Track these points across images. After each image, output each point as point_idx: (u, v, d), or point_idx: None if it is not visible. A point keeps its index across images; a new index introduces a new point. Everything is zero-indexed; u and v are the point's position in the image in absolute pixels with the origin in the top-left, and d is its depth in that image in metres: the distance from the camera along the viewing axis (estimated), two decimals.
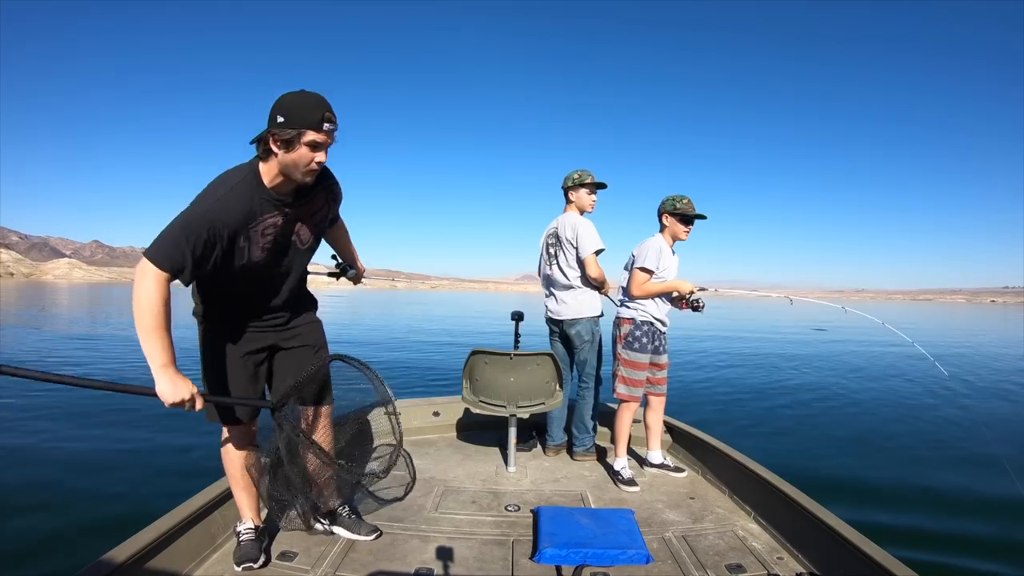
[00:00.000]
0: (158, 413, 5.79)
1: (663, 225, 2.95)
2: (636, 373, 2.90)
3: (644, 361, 2.90)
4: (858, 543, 1.80)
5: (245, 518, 1.97)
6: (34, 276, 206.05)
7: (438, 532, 2.19)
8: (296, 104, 1.53)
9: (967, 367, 11.52)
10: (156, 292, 1.47)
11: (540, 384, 2.93)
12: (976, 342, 18.71)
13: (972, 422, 6.46)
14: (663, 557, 2.04)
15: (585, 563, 1.94)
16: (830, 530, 1.93)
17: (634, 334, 2.89)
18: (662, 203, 2.94)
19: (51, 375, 1.34)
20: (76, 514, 3.29)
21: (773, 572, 1.94)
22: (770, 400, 7.63)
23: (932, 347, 13.31)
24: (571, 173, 3.11)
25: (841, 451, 5.23)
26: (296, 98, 1.54)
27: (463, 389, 3.06)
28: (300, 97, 1.54)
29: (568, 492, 2.70)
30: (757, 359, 12.26)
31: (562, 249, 3.08)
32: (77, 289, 67.08)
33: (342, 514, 2.15)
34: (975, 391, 8.78)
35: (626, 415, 2.91)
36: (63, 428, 5.15)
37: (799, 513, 2.11)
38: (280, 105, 1.53)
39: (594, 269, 3.01)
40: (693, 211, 2.88)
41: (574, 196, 3.09)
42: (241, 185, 1.59)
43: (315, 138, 1.54)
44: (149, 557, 1.70)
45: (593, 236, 2.99)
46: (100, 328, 16.38)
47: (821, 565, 1.94)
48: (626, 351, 2.91)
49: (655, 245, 2.88)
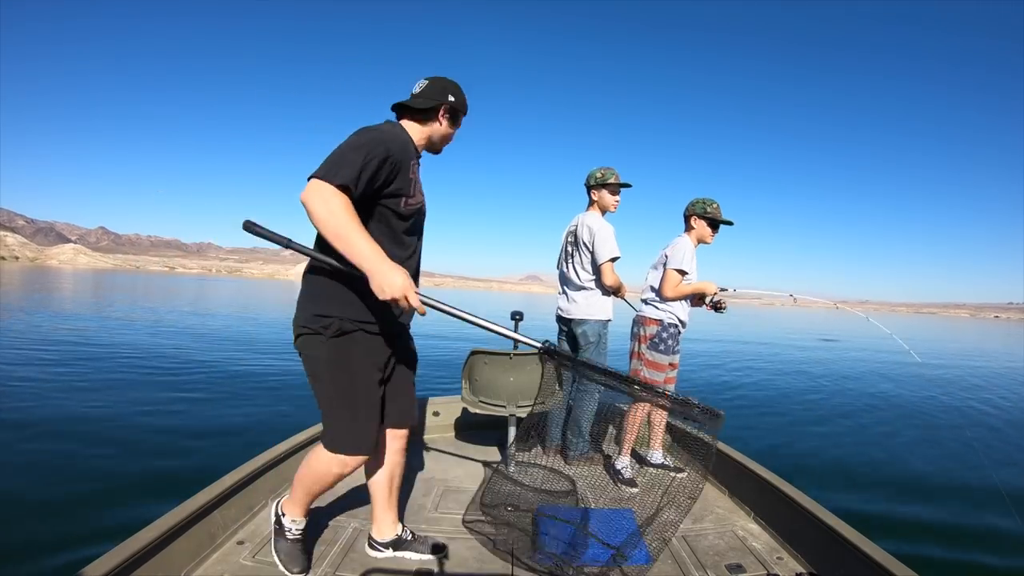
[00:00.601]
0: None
1: (690, 226, 2.97)
2: (657, 374, 2.91)
3: (665, 363, 2.92)
4: (857, 543, 1.81)
5: (299, 516, 1.89)
6: (39, 260, 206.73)
7: (438, 532, 2.20)
8: (460, 90, 1.85)
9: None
10: (338, 196, 1.43)
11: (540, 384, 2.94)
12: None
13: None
14: (663, 557, 2.04)
15: (585, 563, 1.94)
16: (830, 530, 1.94)
17: (660, 336, 2.91)
18: (692, 205, 2.96)
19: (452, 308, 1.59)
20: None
21: (773, 572, 1.95)
22: (776, 407, 7.65)
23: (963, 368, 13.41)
24: (594, 171, 3.04)
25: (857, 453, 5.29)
26: (457, 85, 1.84)
27: (462, 389, 3.07)
28: (458, 85, 1.84)
29: (568, 492, 2.71)
30: (762, 363, 12.33)
31: (578, 250, 3.07)
32: (81, 275, 67.22)
33: (405, 537, 2.04)
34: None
35: (639, 416, 2.91)
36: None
37: (799, 513, 2.12)
38: (450, 85, 1.82)
39: (610, 277, 2.98)
40: (721, 216, 2.92)
41: (596, 195, 3.04)
42: (398, 128, 1.75)
43: (460, 125, 1.90)
44: (149, 557, 1.70)
45: (610, 243, 2.94)
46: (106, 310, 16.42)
47: (821, 565, 1.95)
48: (651, 352, 2.92)
49: (688, 246, 2.90)
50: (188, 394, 6.30)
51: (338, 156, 1.49)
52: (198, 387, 6.72)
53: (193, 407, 5.71)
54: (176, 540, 1.82)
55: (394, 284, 1.43)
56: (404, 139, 1.70)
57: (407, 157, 1.66)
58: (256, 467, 2.39)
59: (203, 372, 7.73)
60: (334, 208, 1.42)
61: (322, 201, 1.42)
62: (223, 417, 5.37)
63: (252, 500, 2.31)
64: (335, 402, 1.70)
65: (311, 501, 1.88)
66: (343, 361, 1.66)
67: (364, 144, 1.53)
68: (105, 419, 5.05)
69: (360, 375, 1.69)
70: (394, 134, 1.66)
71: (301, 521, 1.90)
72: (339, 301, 1.64)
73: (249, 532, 2.15)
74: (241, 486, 2.25)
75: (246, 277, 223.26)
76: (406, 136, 1.74)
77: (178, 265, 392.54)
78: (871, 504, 3.93)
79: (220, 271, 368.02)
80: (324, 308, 1.64)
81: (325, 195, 1.43)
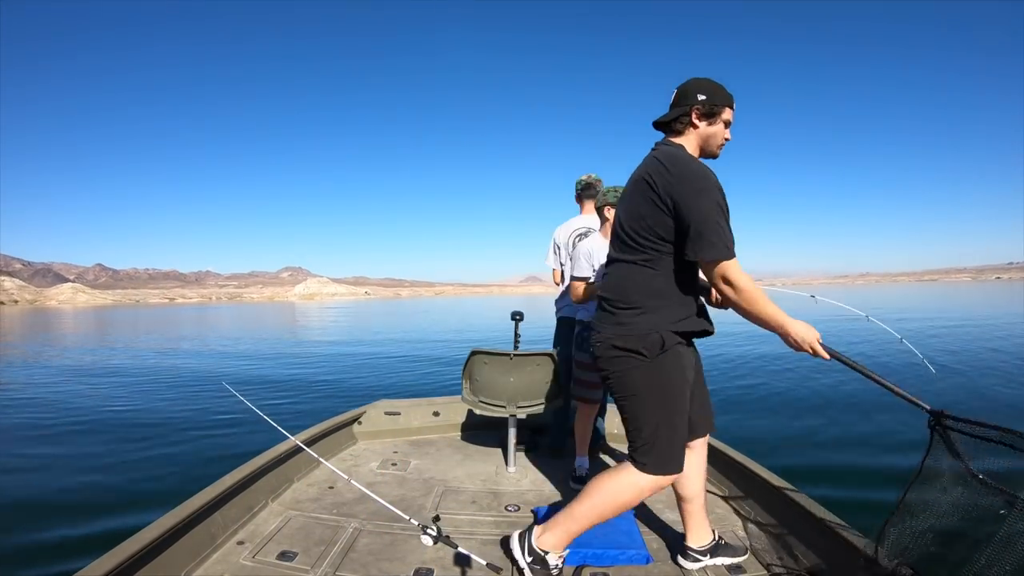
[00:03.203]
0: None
1: (604, 218, 2.68)
2: (586, 374, 2.80)
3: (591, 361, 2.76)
4: (858, 543, 1.79)
5: (564, 549, 1.81)
6: (38, 302, 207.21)
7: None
8: (713, 86, 1.74)
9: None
10: (745, 275, 1.57)
11: (540, 385, 2.93)
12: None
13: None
14: (663, 557, 2.04)
15: (585, 563, 1.93)
16: (830, 530, 1.93)
17: (582, 335, 2.80)
18: (604, 195, 2.65)
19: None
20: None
21: (773, 572, 1.93)
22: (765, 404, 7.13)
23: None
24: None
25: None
26: (711, 81, 1.75)
27: (463, 389, 3.06)
28: (713, 81, 1.75)
29: (568, 492, 2.69)
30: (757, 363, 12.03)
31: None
32: (83, 313, 67.45)
33: (720, 542, 2.01)
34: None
35: (582, 418, 2.86)
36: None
37: (799, 513, 2.11)
38: (697, 86, 1.73)
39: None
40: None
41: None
42: (691, 158, 1.71)
43: (730, 116, 1.75)
44: (149, 557, 1.69)
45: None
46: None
47: (821, 565, 1.94)
48: (577, 352, 2.83)
49: (583, 250, 2.67)
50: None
51: (717, 226, 1.55)
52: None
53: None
54: (176, 540, 1.82)
55: (808, 336, 1.55)
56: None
57: None
58: (256, 467, 2.39)
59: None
60: (747, 283, 1.56)
61: (740, 279, 1.55)
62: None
63: (252, 500, 2.31)
64: (661, 422, 1.66)
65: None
66: (666, 379, 1.66)
67: (720, 202, 1.59)
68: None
69: (682, 391, 1.69)
70: (703, 167, 1.66)
71: (564, 554, 1.82)
72: (656, 318, 1.66)
73: (249, 532, 2.15)
74: (241, 486, 2.25)
75: (247, 302, 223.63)
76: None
77: (178, 296, 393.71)
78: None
79: (220, 298, 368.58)
80: (642, 326, 1.66)
81: (736, 273, 1.56)
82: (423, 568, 1.91)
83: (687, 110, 1.73)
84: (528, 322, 3.53)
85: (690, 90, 1.74)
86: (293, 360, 12.77)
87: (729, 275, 1.55)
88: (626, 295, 1.71)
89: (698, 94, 1.72)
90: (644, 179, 1.69)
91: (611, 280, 1.80)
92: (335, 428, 3.24)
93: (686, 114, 1.73)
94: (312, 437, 2.94)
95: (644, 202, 1.68)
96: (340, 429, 3.31)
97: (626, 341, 1.66)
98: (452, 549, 1.66)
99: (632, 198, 1.75)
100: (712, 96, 1.72)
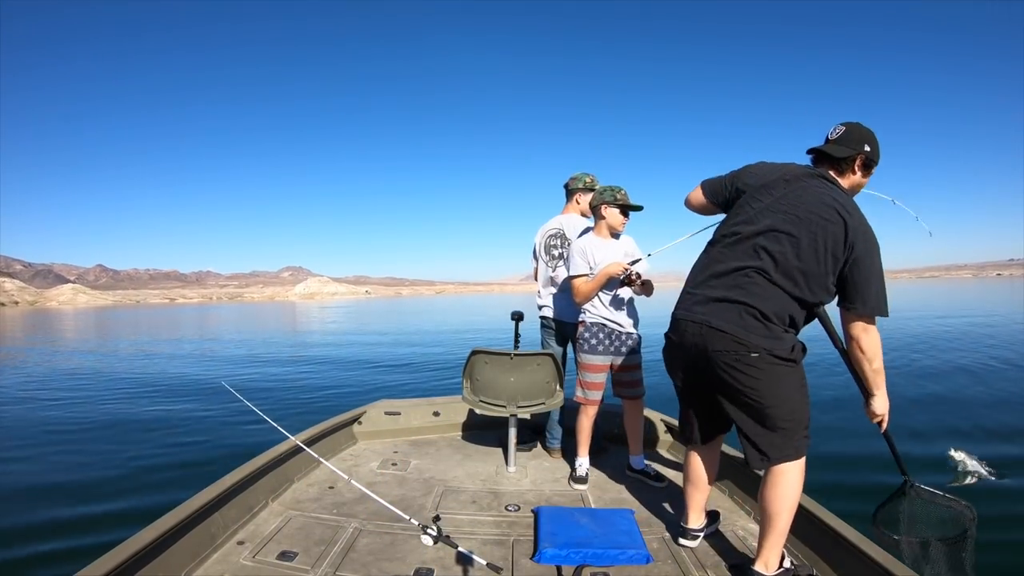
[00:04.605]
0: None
1: (600, 216, 2.78)
2: (588, 376, 2.79)
3: (592, 363, 2.77)
4: (858, 543, 1.79)
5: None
6: (39, 303, 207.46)
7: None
8: (875, 140, 1.81)
9: None
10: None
11: (540, 384, 2.93)
12: None
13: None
14: (663, 557, 2.04)
15: (585, 563, 1.93)
16: (830, 530, 1.92)
17: (583, 336, 2.79)
18: (600, 194, 2.76)
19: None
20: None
21: (773, 572, 1.92)
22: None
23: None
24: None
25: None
26: (873, 134, 1.81)
27: (463, 389, 3.06)
28: (873, 134, 1.82)
29: (568, 492, 2.69)
30: None
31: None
32: (83, 313, 67.48)
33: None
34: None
35: (582, 418, 2.84)
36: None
37: (799, 513, 2.08)
38: (867, 135, 1.80)
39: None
40: (630, 202, 2.74)
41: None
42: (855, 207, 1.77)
43: (871, 175, 1.86)
44: (149, 557, 1.69)
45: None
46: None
47: (821, 565, 1.93)
48: (578, 354, 2.83)
49: (576, 248, 2.75)
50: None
51: (882, 287, 1.68)
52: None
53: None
54: (176, 540, 1.82)
55: (886, 411, 1.82)
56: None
57: None
58: (256, 467, 2.39)
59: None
60: (878, 339, 1.72)
61: (877, 336, 1.72)
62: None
63: (252, 500, 2.31)
64: (804, 418, 1.80)
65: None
66: (805, 381, 1.83)
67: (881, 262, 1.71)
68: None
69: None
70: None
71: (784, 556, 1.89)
72: (793, 329, 1.80)
73: (249, 532, 2.15)
74: (241, 486, 2.25)
75: (247, 301, 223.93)
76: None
77: (179, 296, 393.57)
78: None
79: (221, 298, 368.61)
80: (791, 340, 1.77)
81: (875, 328, 1.71)
82: (423, 568, 1.91)
83: (854, 155, 1.78)
84: (528, 322, 3.53)
85: (861, 136, 1.79)
86: (293, 360, 12.84)
87: (872, 328, 1.71)
88: (784, 318, 1.77)
89: (865, 144, 1.78)
90: (841, 219, 1.68)
91: (772, 303, 1.74)
92: (335, 428, 3.25)
93: (852, 158, 1.79)
94: (312, 437, 2.94)
95: (834, 243, 1.68)
96: (340, 429, 3.31)
97: (785, 352, 1.75)
98: (452, 549, 1.66)
99: (820, 236, 1.69)
100: (875, 151, 1.80)
